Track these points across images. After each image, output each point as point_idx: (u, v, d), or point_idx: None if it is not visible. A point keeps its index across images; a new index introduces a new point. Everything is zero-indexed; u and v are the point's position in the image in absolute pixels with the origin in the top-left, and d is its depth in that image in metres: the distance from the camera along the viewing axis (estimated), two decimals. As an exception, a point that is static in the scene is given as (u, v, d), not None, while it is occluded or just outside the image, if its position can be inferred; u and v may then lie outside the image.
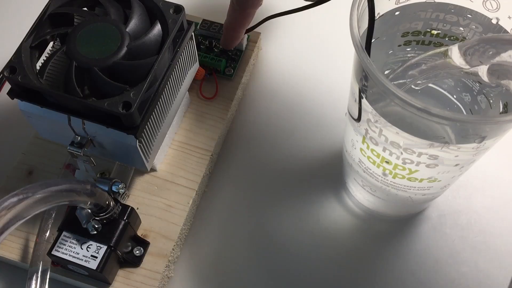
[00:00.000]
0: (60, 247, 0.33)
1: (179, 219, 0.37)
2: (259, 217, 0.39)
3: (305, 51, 0.46)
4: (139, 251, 0.35)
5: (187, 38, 0.34)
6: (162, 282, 0.35)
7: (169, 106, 0.35)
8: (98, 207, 0.32)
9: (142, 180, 0.38)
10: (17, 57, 0.31)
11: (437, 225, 0.38)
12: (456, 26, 0.30)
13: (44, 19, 0.32)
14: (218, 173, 0.41)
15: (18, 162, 0.39)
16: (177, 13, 0.33)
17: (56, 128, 0.33)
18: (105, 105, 0.29)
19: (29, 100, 0.31)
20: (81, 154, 0.33)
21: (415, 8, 0.30)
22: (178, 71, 0.35)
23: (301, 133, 0.42)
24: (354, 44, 0.25)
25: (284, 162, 0.41)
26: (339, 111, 0.43)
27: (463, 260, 0.37)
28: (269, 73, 0.45)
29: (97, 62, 0.31)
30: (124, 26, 0.32)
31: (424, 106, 0.23)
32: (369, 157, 0.31)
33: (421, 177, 0.30)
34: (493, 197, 0.39)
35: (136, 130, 0.30)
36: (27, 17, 0.37)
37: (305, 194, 0.40)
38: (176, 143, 0.40)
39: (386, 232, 0.38)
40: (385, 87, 0.23)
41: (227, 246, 0.38)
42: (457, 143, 0.26)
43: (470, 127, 0.25)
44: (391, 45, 0.32)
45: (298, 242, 0.38)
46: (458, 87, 0.32)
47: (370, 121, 0.28)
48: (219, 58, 0.42)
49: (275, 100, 0.44)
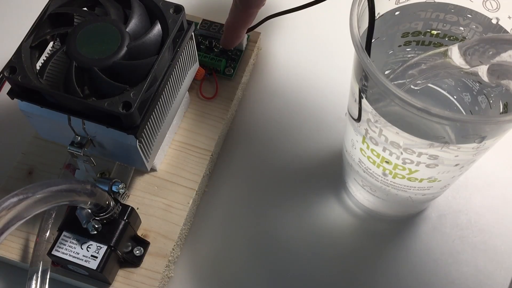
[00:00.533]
0: (60, 247, 0.33)
1: (179, 219, 0.37)
2: (259, 217, 0.39)
3: (305, 51, 0.46)
4: (139, 251, 0.35)
5: (187, 38, 0.34)
6: (162, 282, 0.35)
7: (169, 106, 0.35)
8: (98, 207, 0.32)
9: (142, 180, 0.38)
10: (17, 57, 0.31)
11: (437, 225, 0.38)
12: (456, 26, 0.30)
13: (44, 19, 0.32)
14: (218, 173, 0.41)
15: (18, 162, 0.39)
16: (177, 13, 0.33)
17: (56, 128, 0.33)
18: (105, 105, 0.29)
19: (29, 100, 0.31)
20: (81, 154, 0.33)
21: (415, 8, 0.30)
22: (178, 71, 0.35)
23: (301, 133, 0.42)
24: (354, 44, 0.25)
25: (284, 162, 0.41)
26: (339, 111, 0.43)
27: (463, 260, 0.37)
28: (269, 73, 0.45)
29: (97, 62, 0.31)
30: (124, 26, 0.32)
31: (424, 106, 0.23)
32: (369, 157, 0.31)
33: (421, 177, 0.30)
34: (493, 197, 0.39)
35: (136, 130, 0.30)
36: (27, 17, 0.37)
37: (305, 194, 0.40)
38: (176, 143, 0.40)
39: (386, 232, 0.38)
40: (385, 87, 0.23)
41: (227, 246, 0.38)
42: (457, 143, 0.26)
43: (470, 127, 0.25)
44: (391, 45, 0.32)
45: (298, 242, 0.38)
46: (458, 87, 0.32)
47: (370, 121, 0.28)
48: (219, 58, 0.42)
49: (275, 100, 0.44)
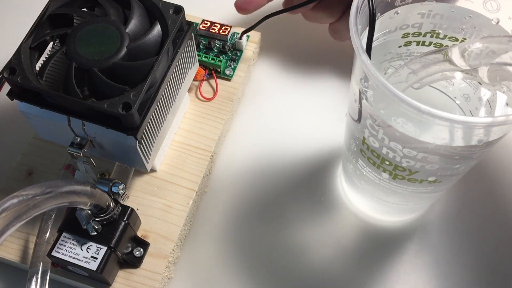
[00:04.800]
0: (60, 248, 0.33)
1: (179, 220, 0.37)
2: (259, 218, 0.39)
3: (305, 51, 0.46)
4: (139, 252, 0.35)
5: (186, 39, 0.34)
6: (162, 283, 0.35)
7: (169, 107, 0.35)
8: (98, 208, 0.32)
9: (142, 181, 0.38)
10: (16, 57, 0.31)
11: (437, 226, 0.38)
12: (456, 27, 0.30)
13: (43, 19, 0.32)
14: (217, 173, 0.41)
15: (17, 163, 0.39)
16: (176, 14, 0.33)
17: (55, 129, 0.33)
18: (105, 106, 0.29)
19: (29, 101, 0.31)
20: (81, 155, 0.33)
21: (415, 8, 0.30)
22: (177, 71, 0.34)
23: (301, 133, 0.42)
24: (354, 45, 0.25)
25: (284, 163, 0.41)
26: (340, 112, 0.43)
27: (465, 261, 0.37)
28: (269, 73, 0.45)
29: (96, 63, 0.31)
30: (123, 27, 0.32)
31: (425, 108, 0.23)
32: (369, 158, 0.31)
33: (421, 178, 0.30)
34: (494, 198, 0.39)
35: (136, 131, 0.30)
36: (26, 17, 0.37)
37: (305, 194, 0.40)
38: (176, 143, 0.40)
39: (386, 232, 0.38)
40: (385, 88, 0.23)
41: (227, 246, 0.38)
42: (457, 144, 0.26)
43: (470, 128, 0.25)
44: (391, 46, 0.32)
45: (297, 243, 0.38)
46: (458, 88, 0.32)
47: (370, 122, 0.28)
48: (218, 58, 0.42)
49: (275, 100, 0.44)
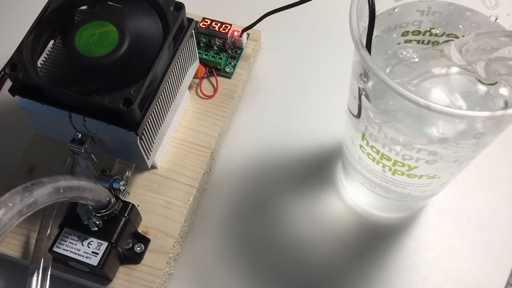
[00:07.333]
0: (61, 244, 0.33)
1: (179, 216, 0.37)
2: (259, 214, 0.39)
3: (305, 48, 0.46)
4: (139, 248, 0.35)
5: (187, 36, 0.34)
6: (162, 278, 0.35)
7: (169, 103, 0.35)
8: (99, 203, 0.32)
9: (143, 177, 0.38)
10: (18, 54, 0.31)
11: (436, 222, 0.38)
12: (455, 24, 0.30)
13: (45, 16, 0.32)
14: (218, 170, 0.41)
15: (19, 160, 0.39)
16: (177, 11, 0.33)
17: (57, 125, 0.33)
18: (106, 101, 0.30)
19: (30, 97, 0.31)
20: (82, 151, 0.33)
21: (414, 5, 0.30)
22: (178, 68, 0.35)
23: (301, 130, 0.42)
24: (353, 41, 0.25)
25: (284, 159, 0.41)
26: (339, 108, 0.43)
27: (463, 257, 0.37)
28: (269, 71, 0.45)
29: (98, 59, 0.31)
30: (124, 23, 0.32)
31: (424, 102, 0.23)
32: (368, 154, 0.31)
33: (420, 174, 0.30)
34: (492, 194, 0.39)
35: (137, 127, 0.31)
36: (28, 14, 0.37)
37: (305, 190, 0.40)
38: (177, 140, 0.40)
39: (385, 229, 0.38)
40: (385, 83, 0.24)
41: (227, 242, 0.38)
42: (456, 139, 0.26)
43: (469, 123, 0.26)
44: (390, 43, 0.32)
45: (297, 239, 0.38)
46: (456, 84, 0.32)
47: (369, 117, 0.28)
48: (219, 56, 0.42)
49: (275, 97, 0.44)
